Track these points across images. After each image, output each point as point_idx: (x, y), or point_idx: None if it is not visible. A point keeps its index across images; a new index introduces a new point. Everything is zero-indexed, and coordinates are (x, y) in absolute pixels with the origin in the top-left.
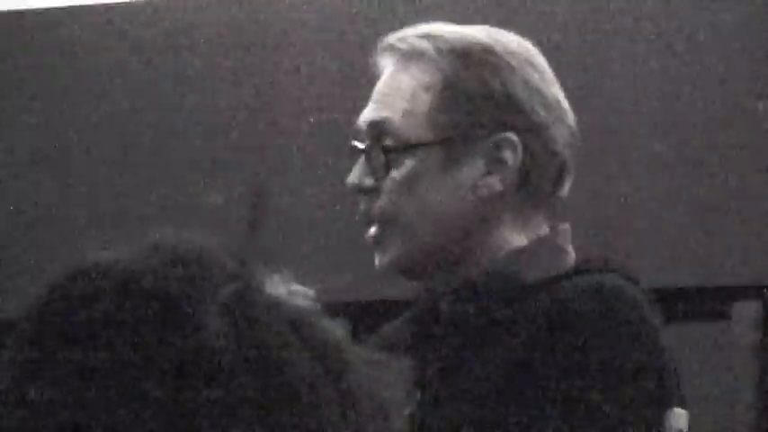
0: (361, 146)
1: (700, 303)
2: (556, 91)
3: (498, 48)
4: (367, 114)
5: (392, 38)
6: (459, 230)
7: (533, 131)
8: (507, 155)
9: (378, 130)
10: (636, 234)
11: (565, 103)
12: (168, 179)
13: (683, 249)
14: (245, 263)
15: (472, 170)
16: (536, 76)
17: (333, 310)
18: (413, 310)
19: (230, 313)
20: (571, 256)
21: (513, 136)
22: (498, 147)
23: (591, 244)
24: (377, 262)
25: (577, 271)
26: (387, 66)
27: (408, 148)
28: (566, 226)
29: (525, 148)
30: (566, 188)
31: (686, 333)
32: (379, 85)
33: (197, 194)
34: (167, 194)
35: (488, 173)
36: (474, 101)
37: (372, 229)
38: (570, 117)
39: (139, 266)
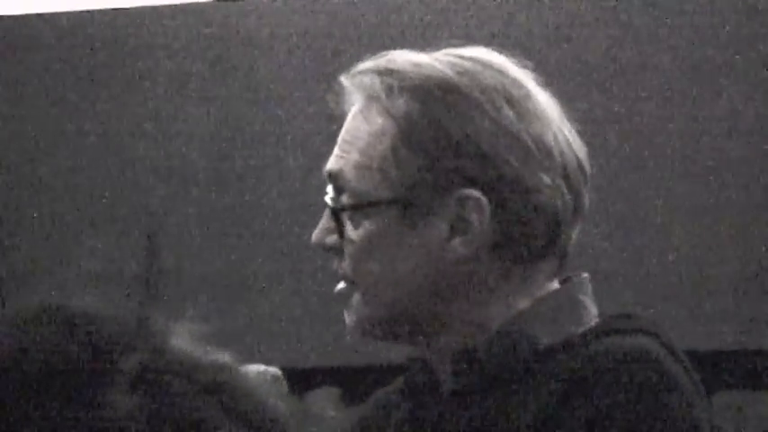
0: (327, 198)
1: (747, 368)
2: (543, 129)
3: (464, 84)
4: (329, 163)
5: (352, 71)
6: (427, 296)
7: (506, 185)
8: (472, 214)
9: (335, 182)
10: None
11: (558, 143)
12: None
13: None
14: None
15: (434, 232)
16: (512, 114)
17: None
18: (408, 379)
19: (138, 386)
20: (590, 311)
21: (475, 192)
22: (461, 205)
23: (623, 300)
24: (345, 321)
25: (599, 331)
26: (354, 102)
27: (363, 207)
28: (583, 276)
29: (496, 204)
30: (569, 239)
31: (732, 401)
32: (343, 128)
33: (86, 248)
34: (47, 248)
35: (454, 234)
36: (431, 154)
37: (339, 286)
38: (568, 157)
39: (29, 337)
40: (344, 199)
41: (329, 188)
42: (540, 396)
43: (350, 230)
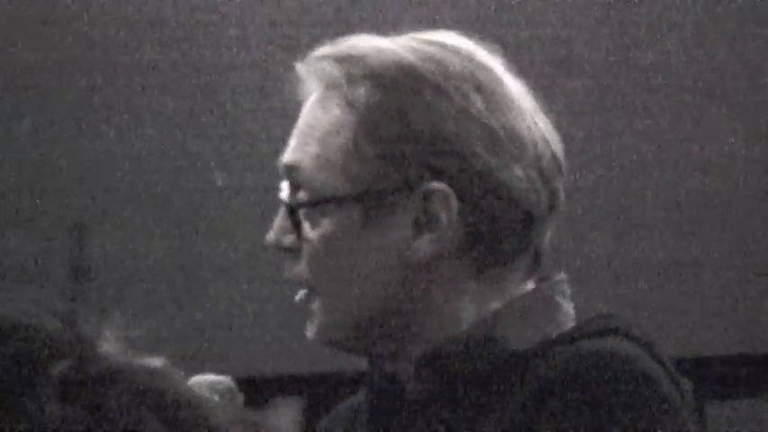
0: (283, 195)
1: (734, 374)
2: (515, 119)
3: (429, 70)
4: (285, 154)
5: (310, 57)
6: (391, 302)
7: (475, 178)
8: (438, 210)
9: (291, 176)
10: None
11: (532, 133)
12: None
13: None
14: (75, 324)
15: (399, 229)
16: (480, 103)
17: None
18: (368, 388)
19: (67, 396)
20: (567, 313)
21: (442, 186)
22: (426, 200)
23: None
24: (306, 330)
25: (574, 333)
26: (312, 90)
27: (321, 203)
28: (560, 277)
29: (466, 200)
30: (543, 236)
31: (719, 408)
32: (300, 118)
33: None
34: None
35: (419, 232)
36: (393, 145)
37: (298, 295)
38: (542, 149)
39: None
40: (301, 195)
41: (284, 183)
42: (509, 402)
43: (307, 230)
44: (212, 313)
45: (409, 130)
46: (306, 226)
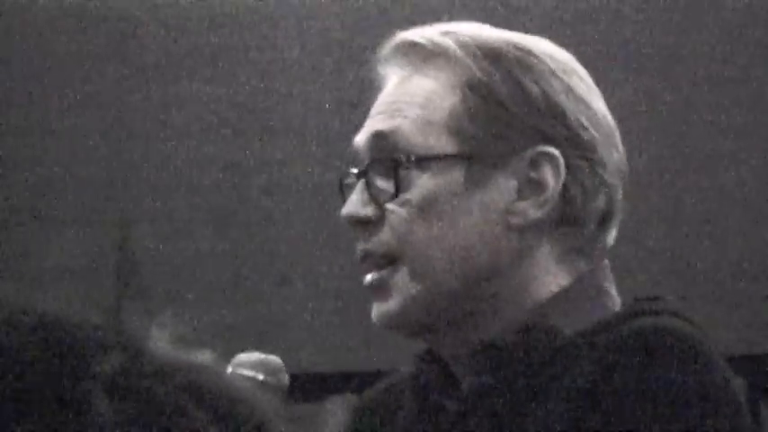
0: (362, 168)
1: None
2: (605, 109)
3: (537, 49)
4: (367, 130)
5: (400, 39)
6: (485, 268)
7: (579, 149)
8: (546, 174)
9: (382, 143)
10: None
11: (613, 126)
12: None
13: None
14: (124, 320)
15: (503, 192)
16: (582, 86)
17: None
18: (416, 374)
19: (114, 392)
20: (615, 299)
21: (552, 150)
22: (535, 164)
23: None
24: (375, 313)
25: (625, 314)
26: (392, 75)
27: (422, 161)
28: (605, 262)
29: (571, 169)
30: (612, 232)
31: None
32: (383, 97)
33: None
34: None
35: (523, 196)
36: (505, 106)
37: (372, 274)
38: (620, 144)
39: None
40: (399, 155)
41: (361, 158)
42: (568, 387)
43: (402, 192)
44: (263, 309)
45: (521, 94)
46: (404, 184)
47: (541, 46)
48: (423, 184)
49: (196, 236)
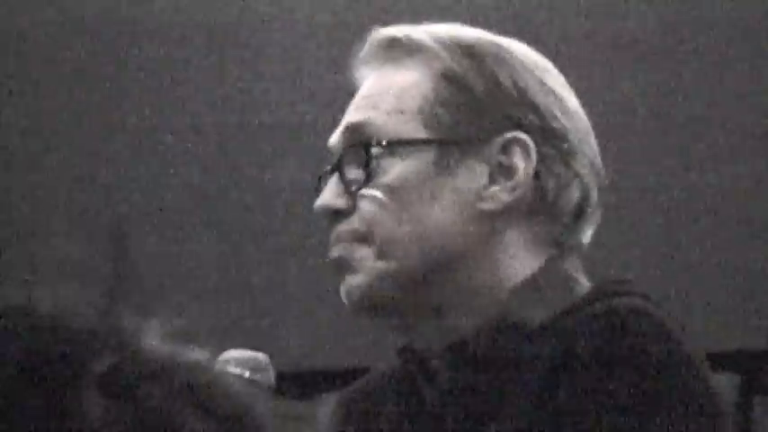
0: (336, 159)
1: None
2: (579, 107)
3: (511, 47)
4: (347, 117)
5: (377, 36)
6: (454, 253)
7: (551, 138)
8: (517, 159)
9: (355, 135)
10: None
11: (586, 122)
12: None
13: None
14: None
15: (474, 177)
16: (555, 82)
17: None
18: (394, 368)
19: (109, 390)
20: (583, 285)
21: (524, 136)
22: (506, 150)
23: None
24: (342, 290)
25: (591, 299)
26: (370, 73)
27: (394, 145)
28: (575, 256)
29: (541, 155)
30: (588, 231)
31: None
32: (358, 94)
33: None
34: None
35: (494, 181)
36: (477, 94)
37: (337, 249)
38: (594, 142)
39: None
40: (372, 142)
41: (337, 147)
42: (538, 375)
43: (374, 177)
44: (256, 309)
45: (494, 83)
46: (376, 169)
47: (516, 45)
48: (394, 169)
49: (187, 235)
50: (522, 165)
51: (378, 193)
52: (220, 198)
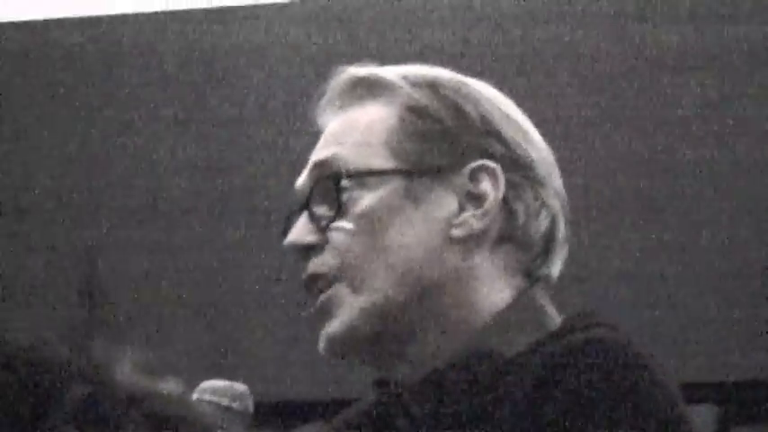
0: (303, 197)
1: (760, 399)
2: (542, 141)
3: (476, 84)
4: (314, 155)
5: (343, 75)
6: (428, 282)
7: (517, 166)
8: (486, 186)
9: (322, 171)
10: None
11: (551, 155)
12: None
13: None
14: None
15: (444, 205)
16: (515, 114)
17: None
18: (369, 402)
19: (81, 419)
20: (553, 317)
21: (492, 164)
22: (474, 177)
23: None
24: (320, 341)
25: (562, 331)
26: (335, 112)
27: (362, 176)
28: (541, 282)
29: (511, 186)
30: (557, 263)
31: None
32: (323, 134)
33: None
34: None
35: (463, 209)
36: (443, 124)
37: (321, 297)
38: (558, 174)
39: None
40: (341, 175)
41: (301, 182)
42: (515, 404)
43: (343, 212)
44: (230, 336)
45: (458, 113)
46: (346, 202)
47: (480, 83)
48: (363, 200)
49: (163, 264)
50: (492, 191)
51: (349, 225)
52: (197, 228)
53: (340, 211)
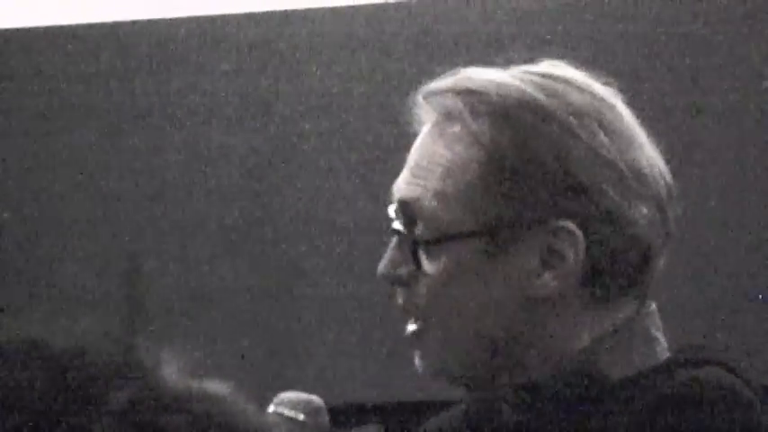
0: (396, 226)
1: None
2: (638, 154)
3: (554, 106)
4: (399, 187)
5: (427, 90)
6: (509, 335)
7: (602, 217)
8: (565, 247)
9: (409, 211)
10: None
11: (652, 168)
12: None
13: None
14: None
15: (523, 265)
16: (607, 140)
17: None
18: (465, 412)
19: (128, 424)
20: (662, 345)
21: (570, 225)
22: (554, 235)
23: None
24: (416, 363)
25: (671, 363)
26: (425, 121)
27: (445, 240)
28: (652, 308)
29: (591, 238)
30: (656, 269)
31: None
32: (414, 150)
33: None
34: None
35: (543, 268)
36: (523, 181)
37: (411, 326)
38: (660, 183)
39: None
40: (420, 229)
41: (393, 213)
42: (611, 429)
43: (427, 263)
44: (277, 339)
45: (538, 168)
46: (425, 260)
47: (564, 96)
48: (444, 259)
49: (209, 267)
50: (571, 254)
51: (432, 281)
52: (243, 226)
53: (422, 266)
